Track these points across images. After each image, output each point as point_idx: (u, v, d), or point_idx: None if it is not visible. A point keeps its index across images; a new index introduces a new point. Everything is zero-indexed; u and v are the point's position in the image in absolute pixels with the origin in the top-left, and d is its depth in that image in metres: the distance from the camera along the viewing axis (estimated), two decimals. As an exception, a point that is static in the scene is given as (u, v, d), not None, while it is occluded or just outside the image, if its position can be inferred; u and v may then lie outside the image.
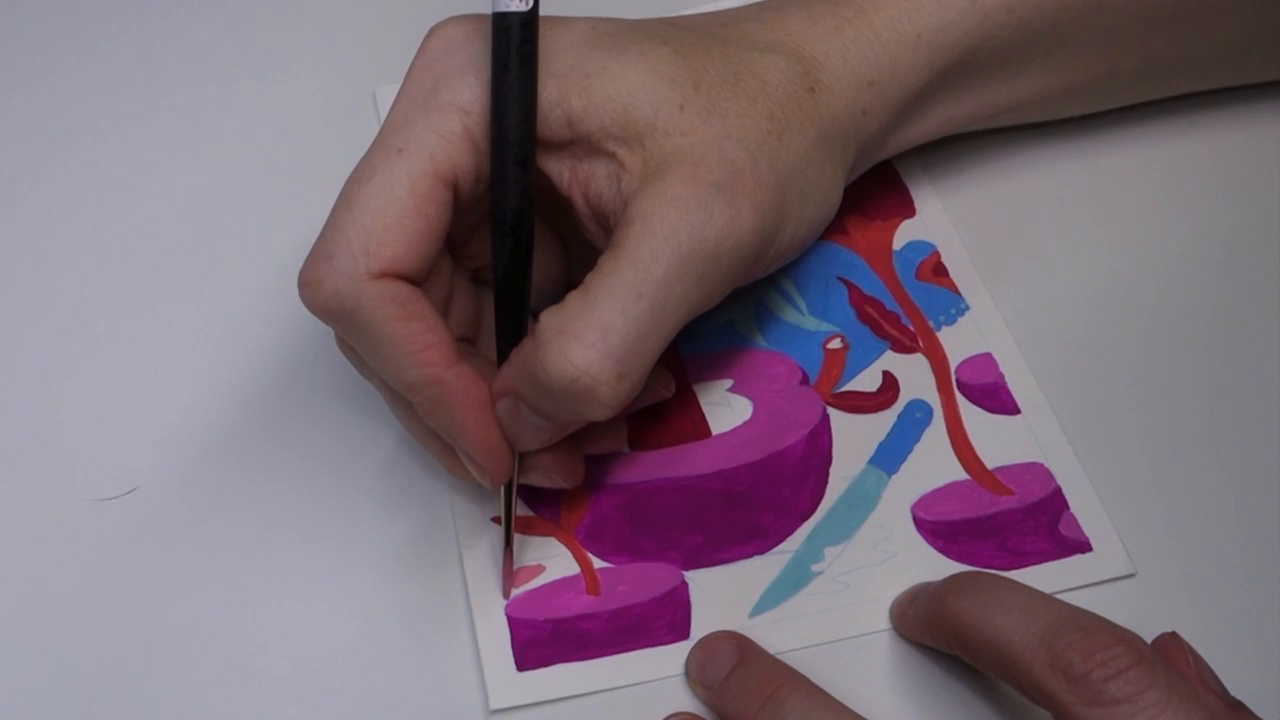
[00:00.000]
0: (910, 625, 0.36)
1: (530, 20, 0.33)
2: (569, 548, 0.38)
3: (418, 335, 0.34)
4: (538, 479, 0.37)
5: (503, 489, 0.36)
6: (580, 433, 0.37)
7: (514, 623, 0.37)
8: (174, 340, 0.43)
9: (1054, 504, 0.39)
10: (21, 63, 0.50)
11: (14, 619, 0.38)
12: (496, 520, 0.39)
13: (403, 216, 0.34)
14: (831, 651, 0.37)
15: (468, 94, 0.35)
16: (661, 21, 0.38)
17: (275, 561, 0.39)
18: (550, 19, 0.36)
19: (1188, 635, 0.35)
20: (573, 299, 0.33)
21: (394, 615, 0.38)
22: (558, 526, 0.39)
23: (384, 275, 0.33)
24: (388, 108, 0.47)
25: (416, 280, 0.34)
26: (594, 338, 0.32)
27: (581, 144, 0.35)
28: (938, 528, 0.38)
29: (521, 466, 0.37)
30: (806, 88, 0.37)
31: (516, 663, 0.36)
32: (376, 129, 0.45)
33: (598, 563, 0.38)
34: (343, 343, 0.36)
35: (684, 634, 0.37)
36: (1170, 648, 0.34)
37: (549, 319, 0.33)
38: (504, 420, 0.35)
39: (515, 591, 0.38)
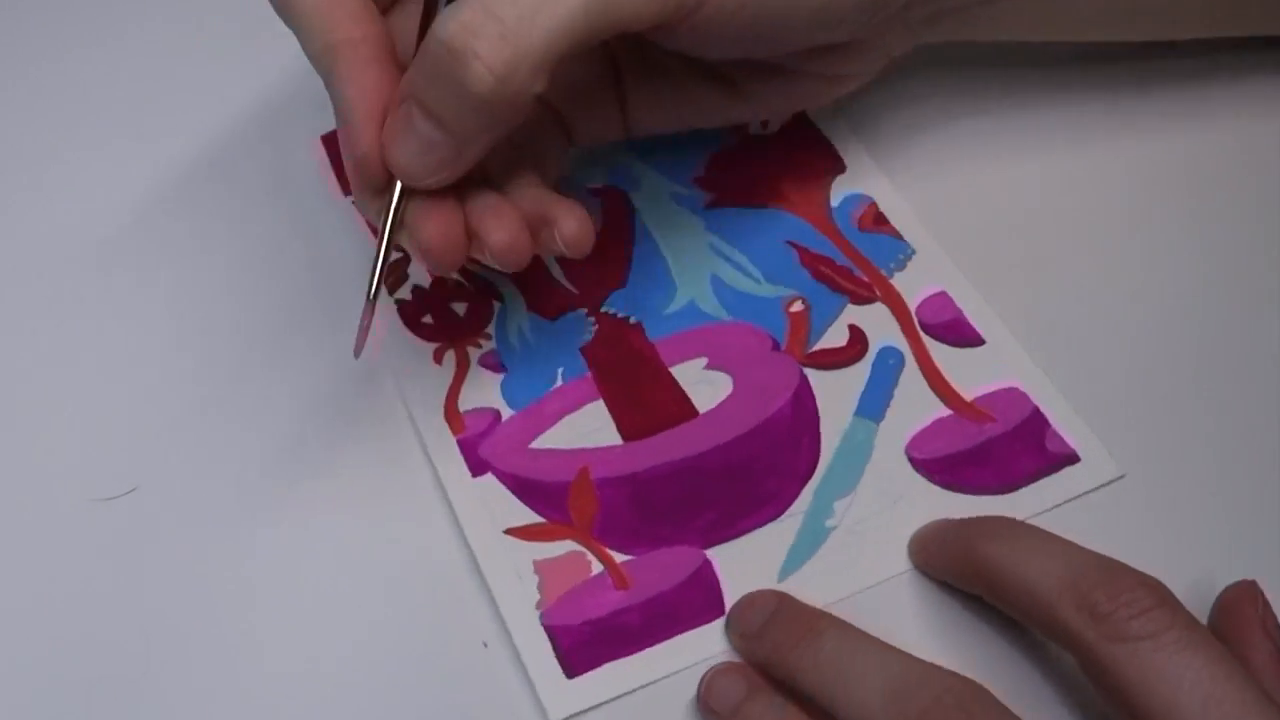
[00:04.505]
0: (935, 563, 0.37)
1: None
2: (588, 547, 0.38)
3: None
4: (408, 243, 0.35)
5: (381, 224, 0.35)
6: (470, 211, 0.36)
7: (553, 631, 0.37)
8: (174, 340, 0.43)
9: (1036, 423, 0.40)
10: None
11: (14, 619, 0.38)
12: (510, 532, 0.39)
13: None
14: (862, 601, 0.37)
15: None
16: None
17: (277, 563, 0.38)
18: None
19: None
20: None
21: (413, 626, 0.37)
22: (571, 528, 0.39)
23: None
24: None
25: None
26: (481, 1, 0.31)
27: None
28: (934, 464, 0.40)
29: (401, 218, 0.35)
30: None
31: (565, 671, 0.36)
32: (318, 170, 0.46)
33: (619, 556, 0.38)
34: None
35: (720, 610, 0.37)
36: (1243, 594, 0.35)
37: None
38: (393, 129, 0.33)
39: (545, 598, 0.37)
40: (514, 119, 0.33)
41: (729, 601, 0.37)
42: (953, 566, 0.37)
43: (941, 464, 0.40)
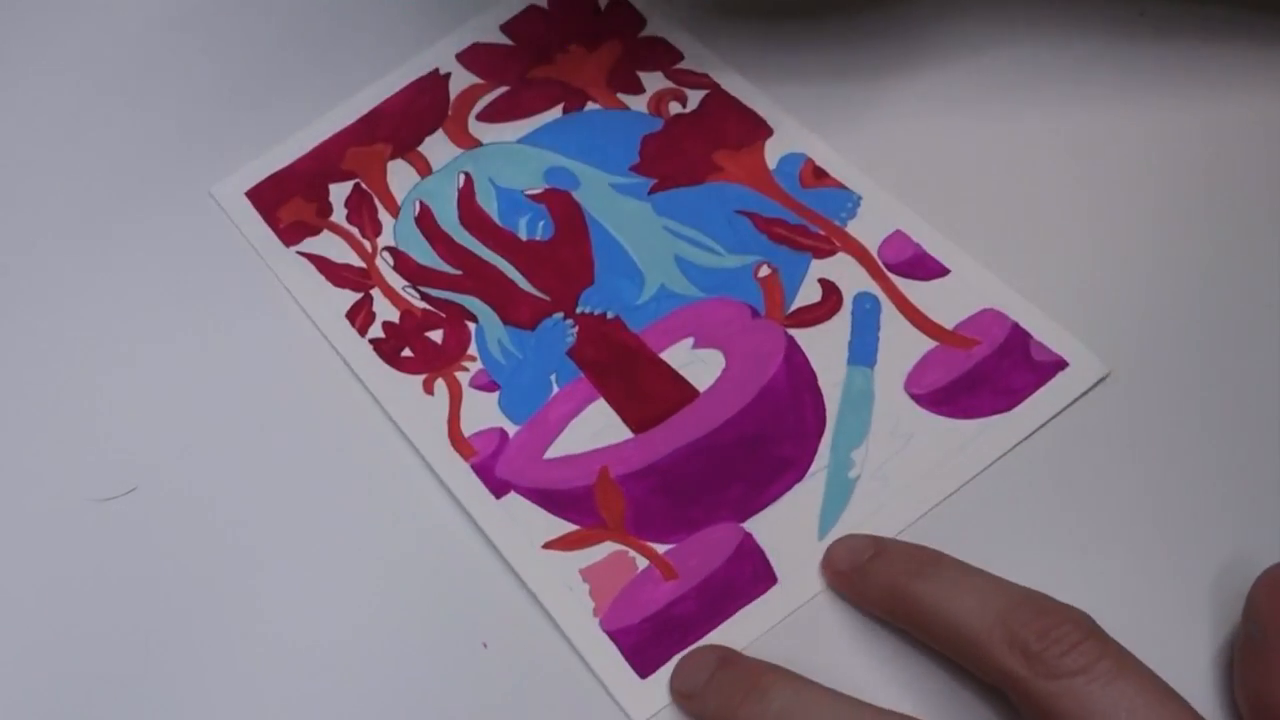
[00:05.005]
0: (856, 595, 0.37)
1: None
2: (628, 545, 0.38)
3: None
4: None
5: None
6: None
7: (616, 635, 0.37)
8: (172, 340, 0.43)
9: (1018, 338, 0.41)
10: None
11: (14, 619, 0.38)
12: (549, 546, 0.39)
13: None
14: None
15: None
16: None
17: (276, 565, 0.39)
18: None
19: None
20: None
21: (412, 628, 0.38)
22: (607, 529, 0.39)
23: None
24: (228, 205, 0.45)
25: None
26: None
27: None
28: (934, 397, 0.41)
29: None
30: None
31: (638, 672, 0.36)
32: (216, 226, 0.45)
33: (660, 547, 0.38)
34: None
35: (772, 579, 0.38)
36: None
37: None
38: None
39: (599, 605, 0.37)
40: None
41: (778, 569, 0.38)
42: (878, 603, 0.36)
43: (941, 395, 0.41)
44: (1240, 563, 0.37)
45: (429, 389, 0.42)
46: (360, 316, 0.43)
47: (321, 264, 0.44)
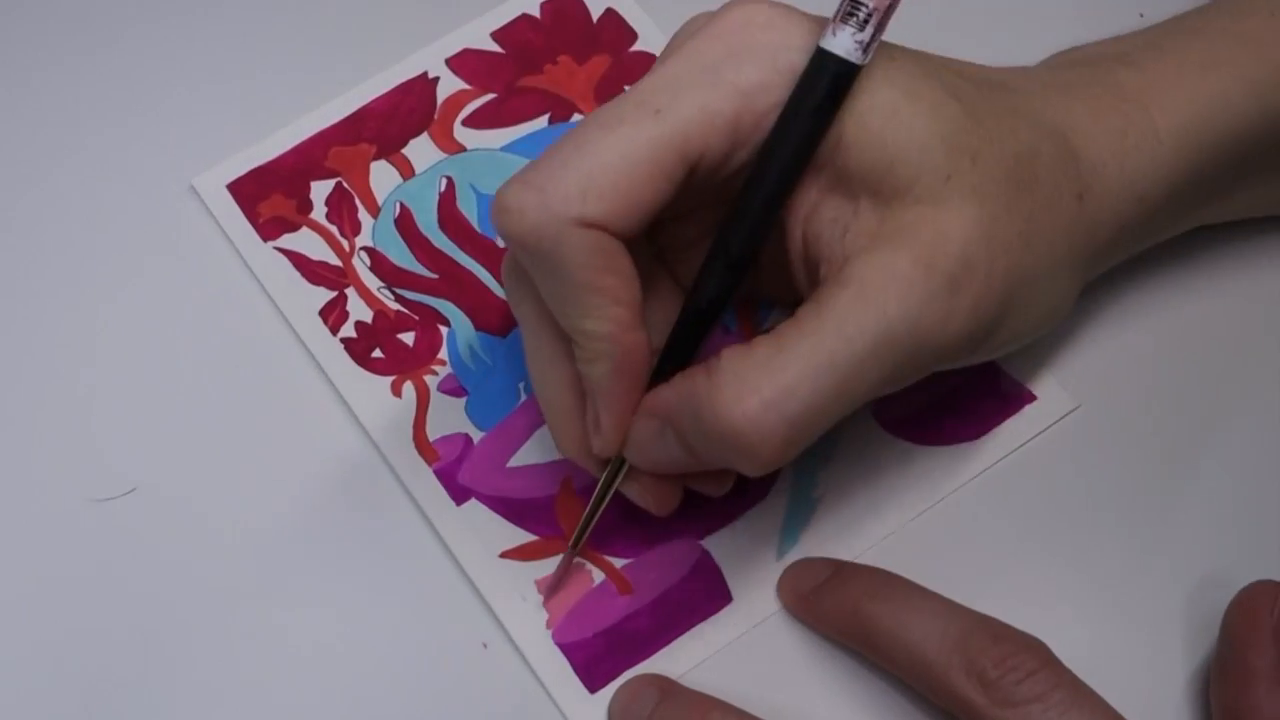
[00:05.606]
0: (813, 617, 0.37)
1: (855, 73, 0.32)
2: (585, 557, 0.38)
3: (612, 290, 0.32)
4: (631, 492, 0.36)
5: (598, 488, 0.36)
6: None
7: (566, 648, 0.37)
8: (173, 340, 0.42)
9: (989, 369, 0.41)
10: None
11: (14, 619, 0.38)
12: (506, 555, 0.38)
13: (634, 180, 0.32)
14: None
15: (753, 77, 0.32)
16: (949, 67, 0.35)
17: (273, 565, 0.39)
18: None
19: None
20: (762, 347, 0.31)
21: (411, 628, 0.38)
22: (565, 541, 0.39)
23: (592, 225, 0.32)
24: (208, 198, 0.45)
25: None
26: (774, 395, 0.31)
27: (831, 174, 0.33)
28: (901, 423, 0.40)
29: (624, 475, 0.36)
30: (1075, 194, 0.35)
31: (586, 686, 0.36)
32: (195, 219, 0.44)
33: (617, 561, 0.38)
34: (509, 269, 0.35)
35: (727, 598, 0.38)
36: (1262, 595, 0.35)
37: (732, 362, 0.31)
38: (641, 437, 0.34)
39: (552, 616, 0.37)
40: None
41: (734, 588, 0.38)
42: (833, 624, 0.37)
43: (908, 422, 0.40)
44: (1209, 587, 0.37)
45: (397, 391, 0.41)
46: (333, 315, 0.43)
47: (298, 260, 0.44)
